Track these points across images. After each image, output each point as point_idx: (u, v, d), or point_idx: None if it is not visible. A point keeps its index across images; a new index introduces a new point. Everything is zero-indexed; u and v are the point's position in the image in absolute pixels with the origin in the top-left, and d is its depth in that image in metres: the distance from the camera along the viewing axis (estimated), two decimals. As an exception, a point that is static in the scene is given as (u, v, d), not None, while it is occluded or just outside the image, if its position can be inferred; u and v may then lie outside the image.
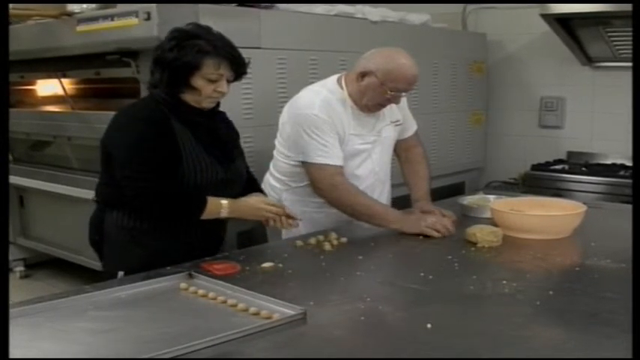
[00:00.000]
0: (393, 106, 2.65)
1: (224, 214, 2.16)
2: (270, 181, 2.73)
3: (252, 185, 2.40)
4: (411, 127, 2.85)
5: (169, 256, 2.05)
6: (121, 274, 2.09)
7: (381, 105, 2.57)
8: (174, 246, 2.16)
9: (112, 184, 2.18)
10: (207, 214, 2.14)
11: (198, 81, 2.11)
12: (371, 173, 2.67)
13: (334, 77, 2.65)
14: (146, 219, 2.16)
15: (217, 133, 2.24)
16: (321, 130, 2.48)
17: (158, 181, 2.08)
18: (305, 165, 2.53)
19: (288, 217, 2.27)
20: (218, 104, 2.27)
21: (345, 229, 2.42)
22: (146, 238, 2.17)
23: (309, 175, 2.54)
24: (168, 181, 2.10)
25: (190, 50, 2.08)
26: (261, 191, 2.41)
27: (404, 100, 2.73)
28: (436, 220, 2.41)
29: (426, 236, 2.36)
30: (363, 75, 2.50)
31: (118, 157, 2.13)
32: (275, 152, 2.71)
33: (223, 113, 2.37)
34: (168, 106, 2.15)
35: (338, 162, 2.50)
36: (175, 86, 2.13)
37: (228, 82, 2.18)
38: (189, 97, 2.15)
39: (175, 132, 2.13)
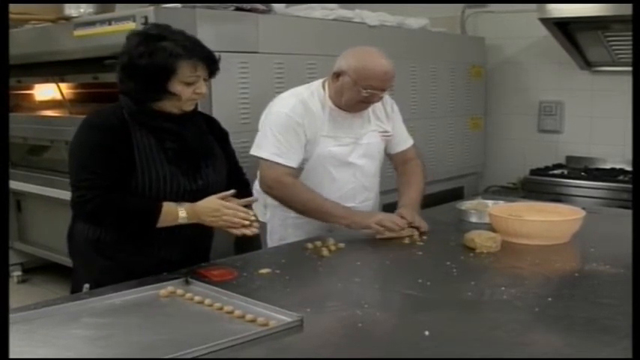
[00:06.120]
0: (382, 115, 2.65)
1: (183, 220, 2.02)
2: (257, 185, 2.72)
3: (242, 189, 2.25)
4: (405, 142, 2.80)
5: (136, 269, 1.98)
6: (86, 286, 2.04)
7: (363, 103, 2.52)
8: (140, 258, 2.08)
9: None
10: (164, 222, 2.01)
11: (176, 86, 2.02)
12: (352, 177, 2.63)
13: (321, 80, 2.65)
14: (110, 230, 2.07)
15: (186, 140, 2.11)
16: (286, 130, 2.47)
17: (101, 190, 1.98)
18: (259, 160, 2.52)
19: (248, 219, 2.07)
20: (196, 106, 2.17)
21: (343, 235, 2.41)
22: (110, 250, 2.09)
23: (260, 171, 2.52)
24: (115, 190, 1.99)
25: (162, 54, 1.98)
26: (249, 195, 2.29)
27: (396, 114, 2.73)
28: (385, 217, 2.40)
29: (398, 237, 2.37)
30: (338, 75, 2.51)
31: (69, 165, 2.07)
32: None
33: (200, 115, 2.26)
34: (130, 112, 2.05)
35: (291, 163, 2.47)
36: (152, 93, 2.04)
37: (205, 81, 2.09)
38: (168, 104, 2.06)
39: (133, 141, 2.03)
